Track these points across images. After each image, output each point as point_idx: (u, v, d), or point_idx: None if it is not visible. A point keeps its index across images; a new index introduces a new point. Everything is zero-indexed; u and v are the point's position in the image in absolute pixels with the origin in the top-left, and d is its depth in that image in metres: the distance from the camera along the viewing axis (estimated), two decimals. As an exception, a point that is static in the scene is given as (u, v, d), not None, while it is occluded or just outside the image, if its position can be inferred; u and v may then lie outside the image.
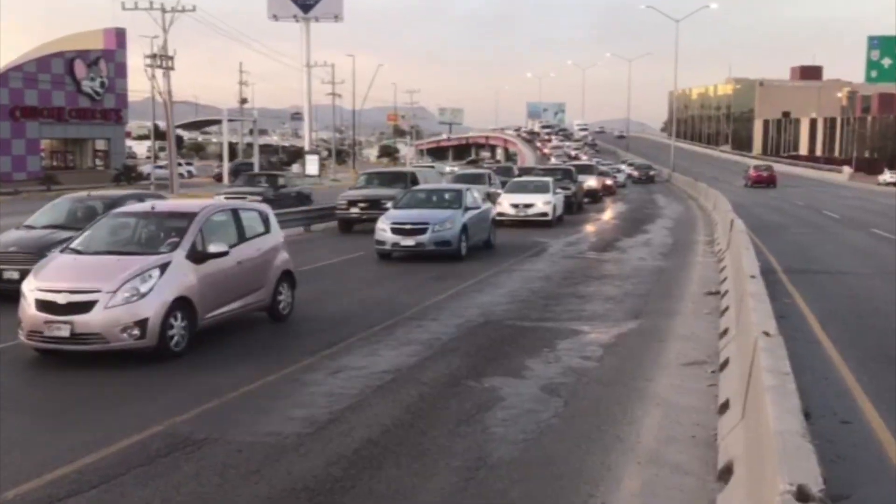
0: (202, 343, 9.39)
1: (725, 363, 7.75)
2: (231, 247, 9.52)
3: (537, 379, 8.03)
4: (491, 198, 27.69)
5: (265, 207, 10.94)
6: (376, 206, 22.06)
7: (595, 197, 37.33)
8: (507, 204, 24.79)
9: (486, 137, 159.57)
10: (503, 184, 28.84)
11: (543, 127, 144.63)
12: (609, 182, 44.45)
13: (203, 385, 7.79)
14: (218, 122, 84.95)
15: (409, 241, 16.55)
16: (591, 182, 37.47)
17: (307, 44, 68.21)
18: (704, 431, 6.44)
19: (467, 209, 17.59)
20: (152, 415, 6.82)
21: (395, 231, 16.67)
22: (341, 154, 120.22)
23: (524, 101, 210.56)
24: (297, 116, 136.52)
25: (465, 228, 17.02)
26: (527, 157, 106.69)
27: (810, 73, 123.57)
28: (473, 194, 18.46)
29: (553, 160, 72.99)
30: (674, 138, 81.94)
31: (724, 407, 6.48)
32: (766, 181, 54.31)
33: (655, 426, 6.61)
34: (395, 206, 18.23)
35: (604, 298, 12.75)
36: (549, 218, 24.63)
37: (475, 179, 30.14)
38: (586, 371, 8.37)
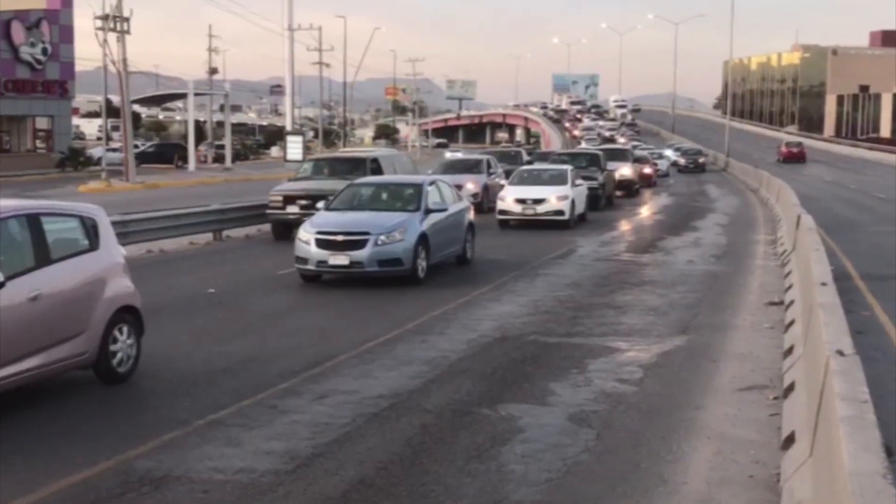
0: (161, 361, 9.41)
1: (790, 388, 7.73)
2: (16, 274, 7.40)
3: (564, 406, 8.03)
4: (489, 189, 27.95)
5: (92, 210, 8.74)
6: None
7: (630, 189, 37.03)
8: (510, 199, 23.95)
9: (504, 116, 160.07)
10: (508, 174, 28.31)
11: (573, 103, 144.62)
12: (648, 170, 44.22)
13: (161, 412, 7.80)
14: (183, 96, 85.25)
15: (340, 259, 14.01)
16: (624, 170, 37.03)
17: (289, 3, 68.38)
18: (765, 471, 6.42)
19: (429, 212, 15.20)
20: (101, 448, 6.83)
21: (321, 244, 14.09)
22: (330, 135, 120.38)
23: (549, 73, 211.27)
24: (277, 90, 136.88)
25: (423, 240, 14.64)
26: (552, 139, 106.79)
27: (893, 38, 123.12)
28: (441, 190, 16.21)
29: (583, 144, 72.63)
30: (729, 117, 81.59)
31: (789, 441, 6.45)
32: (796, 157, 69.86)
33: (706, 464, 6.59)
34: (327, 208, 15.71)
35: (644, 309, 12.76)
36: (566, 217, 23.68)
37: (469, 167, 29.58)
38: (623, 397, 8.36)
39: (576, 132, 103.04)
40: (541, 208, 23.69)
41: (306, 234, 14.43)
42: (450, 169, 29.62)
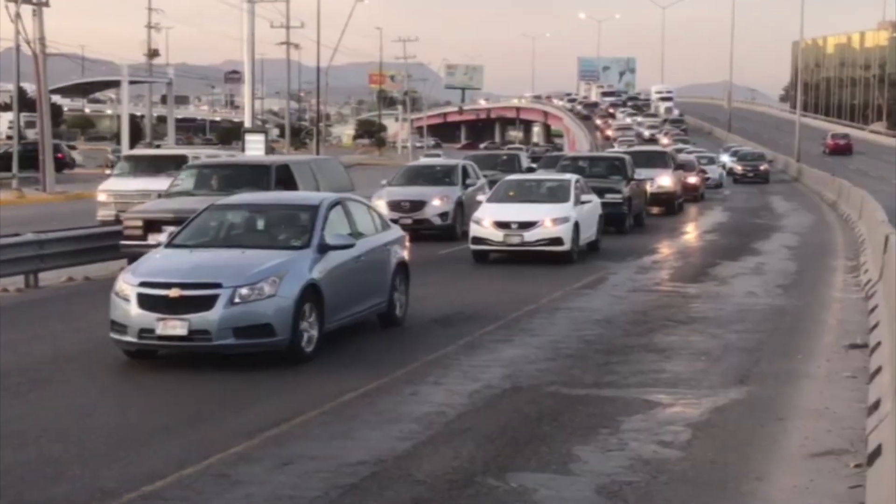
0: (88, 413, 9.36)
1: (876, 453, 7.70)
2: None
3: (591, 476, 8.01)
4: (464, 207, 26.58)
5: None
6: None
7: (670, 204, 36.39)
8: (488, 222, 21.82)
9: (518, 110, 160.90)
10: (493, 185, 26.05)
11: (605, 94, 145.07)
12: (694, 180, 43.48)
13: (81, 480, 7.78)
14: (115, 84, 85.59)
15: (174, 327, 11.37)
16: (663, 180, 36.28)
17: (249, -31, 68.85)
18: (845, 558, 6.39)
19: (326, 248, 12.54)
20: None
21: (145, 302, 11.51)
22: (300, 133, 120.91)
23: (574, 56, 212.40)
24: (233, 77, 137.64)
25: (312, 293, 11.96)
26: (578, 139, 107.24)
27: None
28: (352, 216, 13.74)
29: (616, 146, 72.11)
30: (799, 112, 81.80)
31: (875, 521, 6.41)
32: (843, 149, 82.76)
33: (770, 550, 6.57)
34: (167, 244, 13.09)
35: (692, 353, 12.77)
36: (566, 247, 21.67)
37: (438, 177, 28.56)
38: (665, 464, 8.34)
39: (609, 132, 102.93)
40: (530, 235, 21.53)
41: (126, 286, 11.70)
42: (411, 179, 28.67)
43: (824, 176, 52.46)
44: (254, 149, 63.31)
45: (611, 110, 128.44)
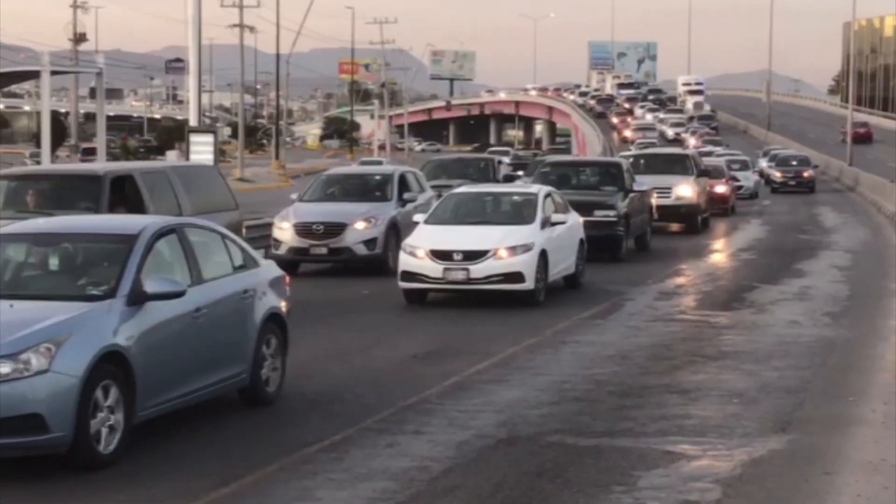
0: None
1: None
2: None
3: (601, 543, 8.00)
4: (400, 230, 24.14)
5: None
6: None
7: (692, 219, 35.30)
8: (424, 252, 19.77)
9: (517, 104, 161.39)
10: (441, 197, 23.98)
11: (621, 86, 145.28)
12: (722, 189, 42.95)
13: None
14: (34, 75, 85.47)
15: None
16: (683, 190, 35.15)
17: (195, -63, 69.24)
18: None
19: (141, 297, 10.47)
20: None
21: None
22: (256, 133, 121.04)
23: (584, 41, 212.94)
24: (176, 66, 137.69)
25: (113, 366, 9.89)
26: (588, 139, 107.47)
27: None
28: (191, 247, 11.61)
29: (633, 149, 69.87)
30: (851, 106, 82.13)
31: None
32: (862, 138, 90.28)
33: None
34: None
35: (724, 395, 12.79)
36: (527, 284, 19.67)
37: (366, 190, 26.61)
38: (690, 528, 8.33)
39: (627, 132, 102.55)
40: (479, 269, 19.39)
41: None
42: (329, 194, 26.71)
43: (882, 183, 52.53)
44: (200, 152, 63.37)
45: (627, 105, 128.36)
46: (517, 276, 19.61)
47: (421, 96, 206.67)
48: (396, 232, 24.34)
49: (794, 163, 64.28)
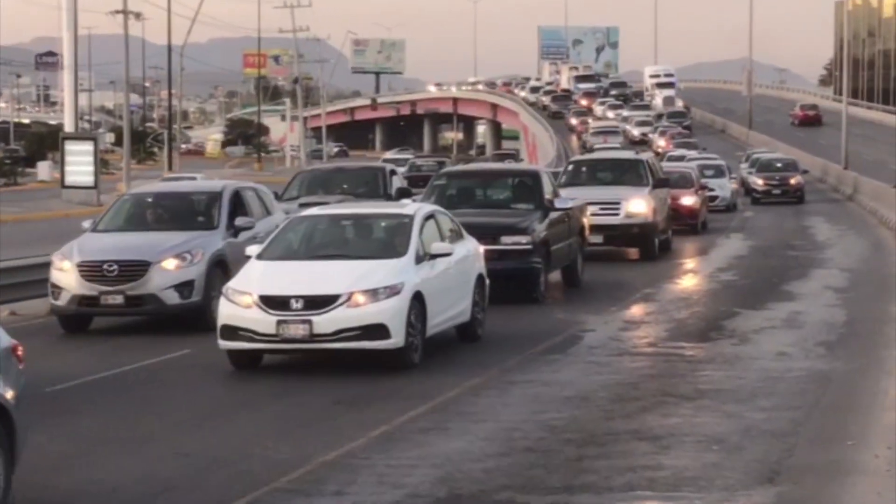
0: None
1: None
2: None
3: None
4: (229, 268, 21.36)
5: None
6: None
7: (646, 242, 33.03)
8: (253, 298, 17.47)
9: (455, 102, 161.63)
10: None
11: (579, 79, 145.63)
12: (690, 201, 41.71)
13: None
14: None
15: None
16: (634, 204, 32.69)
17: None
18: None
19: None
20: None
21: None
22: (145, 139, 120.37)
23: (533, 27, 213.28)
24: (48, 61, 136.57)
25: None
26: (539, 141, 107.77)
27: None
28: None
29: (595, 152, 66.79)
30: (846, 99, 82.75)
31: None
32: (812, 120, 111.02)
33: None
34: None
35: (701, 441, 12.86)
36: (394, 340, 17.11)
37: (180, 216, 23.54)
38: None
39: (586, 129, 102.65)
40: (326, 321, 17.09)
41: None
42: (135, 219, 23.70)
43: (884, 189, 52.80)
44: (78, 163, 63.00)
45: (584, 102, 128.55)
46: (379, 330, 17.10)
47: (341, 93, 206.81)
48: (224, 271, 21.31)
49: (779, 166, 63.65)
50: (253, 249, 19.04)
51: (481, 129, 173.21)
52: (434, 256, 18.69)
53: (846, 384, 16.06)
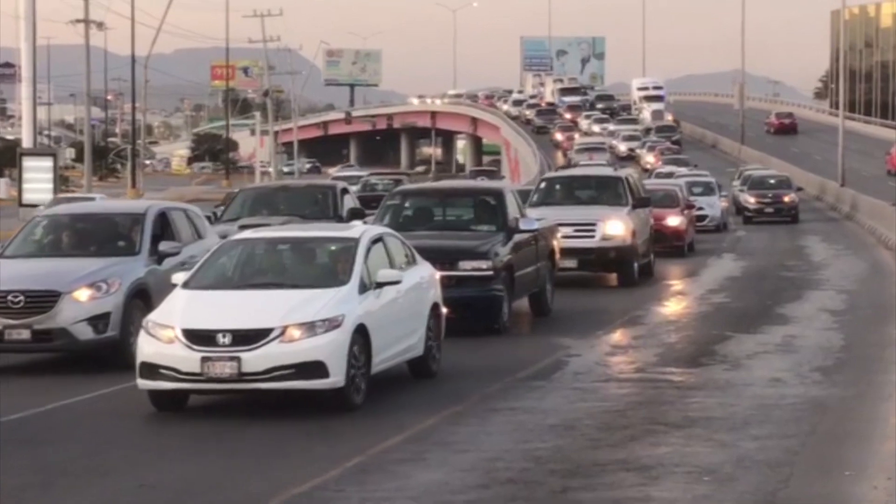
0: None
1: None
2: None
3: None
4: (152, 298, 20.12)
5: None
6: None
7: (625, 266, 31.91)
8: (175, 332, 16.44)
9: (433, 115, 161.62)
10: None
11: (564, 92, 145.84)
12: (676, 222, 41.10)
13: None
14: None
15: None
16: (612, 226, 31.63)
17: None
18: None
19: None
20: None
21: None
22: (107, 154, 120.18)
23: (515, 37, 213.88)
24: (5, 73, 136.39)
25: None
26: (522, 157, 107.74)
27: None
28: None
29: (580, 168, 64.42)
30: (843, 113, 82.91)
31: None
32: (787, 129, 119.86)
33: None
34: None
35: (691, 471, 12.84)
36: (333, 379, 16.07)
37: (96, 239, 22.01)
38: None
39: (571, 144, 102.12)
40: (256, 358, 16.04)
41: None
42: (47, 244, 22.39)
43: (882, 207, 52.88)
44: (37, 180, 62.77)
45: (569, 115, 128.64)
46: (316, 368, 16.07)
47: (314, 107, 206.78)
48: (145, 303, 20.18)
49: (772, 181, 63.66)
50: (179, 277, 18.02)
51: (461, 144, 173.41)
52: (381, 284, 17.62)
53: (843, 411, 16.06)
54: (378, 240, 18.54)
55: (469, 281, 23.17)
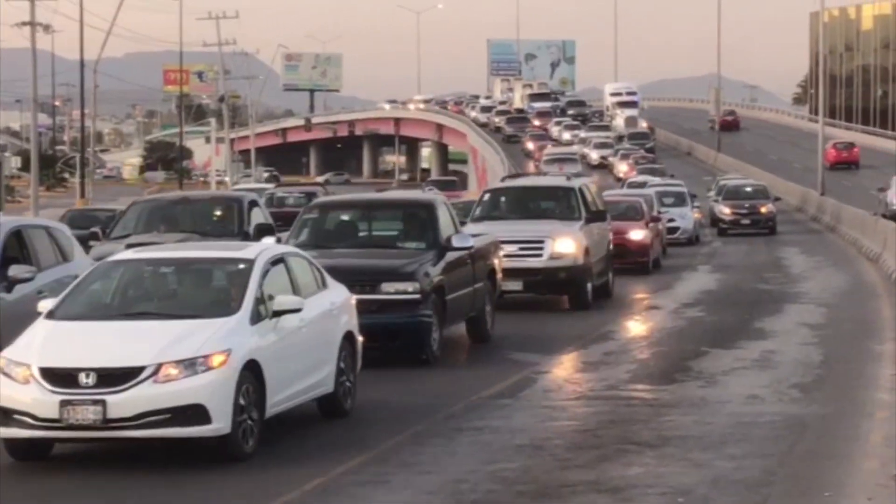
0: None
1: None
2: None
3: None
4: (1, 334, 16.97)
5: None
6: None
7: (576, 287, 29.89)
8: (31, 371, 14.56)
9: (397, 121, 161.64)
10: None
11: (534, 97, 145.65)
12: (639, 236, 39.46)
13: None
14: None
15: None
16: (561, 243, 29.82)
17: None
18: None
19: None
20: None
21: None
22: (55, 163, 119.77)
23: (481, 40, 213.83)
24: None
25: None
26: (490, 166, 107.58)
27: None
28: None
29: (528, 178, 59.70)
30: (822, 119, 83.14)
31: None
32: (730, 125, 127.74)
33: None
34: None
35: (665, 492, 12.85)
36: (216, 426, 14.43)
37: None
38: None
39: (542, 154, 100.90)
40: (124, 401, 14.38)
41: None
42: None
43: (863, 216, 52.96)
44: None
45: (538, 122, 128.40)
46: (195, 413, 14.41)
47: (272, 113, 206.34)
48: None
49: (748, 191, 63.67)
50: (45, 305, 16.07)
51: (426, 151, 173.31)
52: (278, 313, 15.86)
53: (823, 429, 16.09)
54: (279, 261, 16.83)
55: (393, 305, 21.51)
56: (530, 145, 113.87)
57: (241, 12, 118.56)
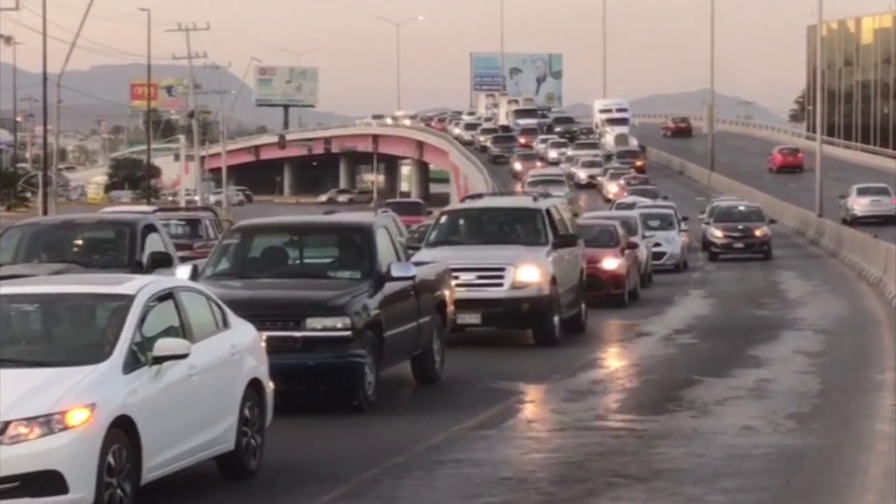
0: None
1: None
2: None
3: None
4: None
5: None
6: None
7: (539, 323, 28.45)
8: None
9: (375, 138, 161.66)
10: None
11: (519, 114, 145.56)
12: (614, 264, 37.79)
13: None
14: None
15: None
16: (524, 271, 28.46)
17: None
18: None
19: None
20: None
21: None
22: (16, 182, 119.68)
23: (464, 54, 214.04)
24: None
25: None
26: (473, 184, 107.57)
27: None
28: None
29: (510, 197, 57.43)
30: (821, 137, 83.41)
31: None
32: (682, 132, 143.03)
33: None
34: None
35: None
36: (75, 496, 12.49)
37: None
38: None
39: (529, 174, 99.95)
40: None
41: None
42: None
43: (863, 238, 53.04)
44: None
45: (523, 140, 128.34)
46: (49, 481, 12.64)
47: (245, 129, 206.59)
48: None
49: (742, 211, 63.74)
50: None
51: (406, 170, 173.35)
52: (159, 360, 13.98)
53: (820, 462, 16.11)
54: (166, 297, 14.94)
55: (320, 344, 19.78)
56: (518, 166, 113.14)
57: (212, 24, 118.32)
